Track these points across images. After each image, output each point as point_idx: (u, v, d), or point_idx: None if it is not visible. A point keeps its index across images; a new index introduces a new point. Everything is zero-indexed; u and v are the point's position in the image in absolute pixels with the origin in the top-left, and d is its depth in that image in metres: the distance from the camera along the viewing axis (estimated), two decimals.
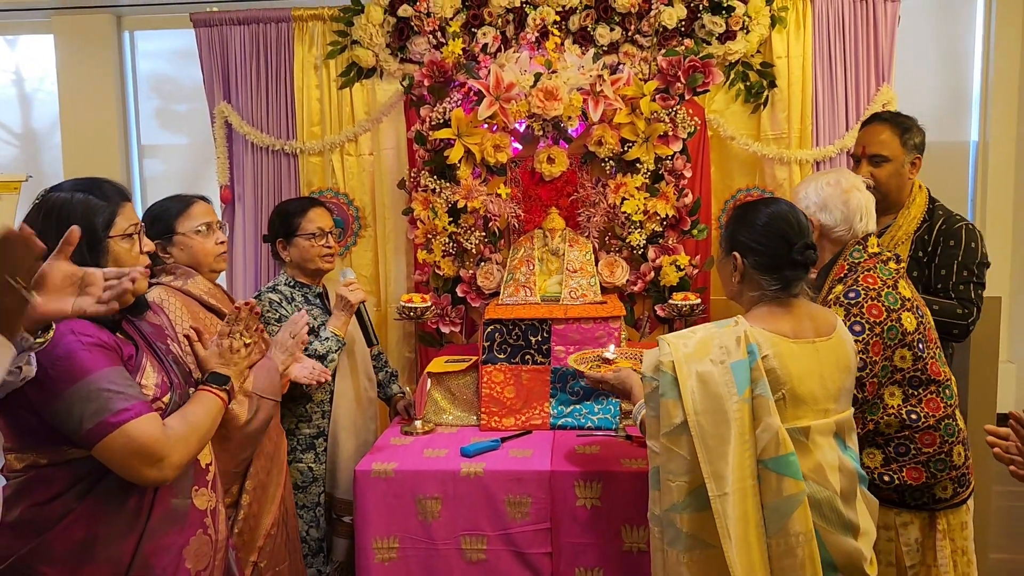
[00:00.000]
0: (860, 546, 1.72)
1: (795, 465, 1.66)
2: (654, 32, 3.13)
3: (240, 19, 3.33)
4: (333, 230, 2.66)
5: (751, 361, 1.69)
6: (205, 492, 1.69)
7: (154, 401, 1.58)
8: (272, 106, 3.38)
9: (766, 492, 1.67)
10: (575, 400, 2.57)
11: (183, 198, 2.26)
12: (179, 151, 5.40)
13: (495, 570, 2.24)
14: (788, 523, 1.65)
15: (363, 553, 2.25)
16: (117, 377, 1.51)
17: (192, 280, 2.17)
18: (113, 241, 1.62)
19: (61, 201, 1.59)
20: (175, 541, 1.61)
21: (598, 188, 3.08)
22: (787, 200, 1.94)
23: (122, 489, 1.54)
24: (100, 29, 5.11)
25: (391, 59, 3.27)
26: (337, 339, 2.48)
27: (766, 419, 1.67)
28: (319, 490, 2.54)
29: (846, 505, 1.72)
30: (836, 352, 1.79)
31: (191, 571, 1.63)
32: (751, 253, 1.81)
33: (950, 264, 2.52)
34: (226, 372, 1.74)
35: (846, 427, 1.79)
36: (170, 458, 1.52)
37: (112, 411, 1.47)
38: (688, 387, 1.71)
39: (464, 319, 3.19)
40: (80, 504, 1.53)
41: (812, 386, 1.73)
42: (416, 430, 2.53)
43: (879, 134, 2.60)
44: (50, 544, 1.52)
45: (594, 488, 2.21)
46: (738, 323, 1.75)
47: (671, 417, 1.73)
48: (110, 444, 1.47)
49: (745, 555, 1.65)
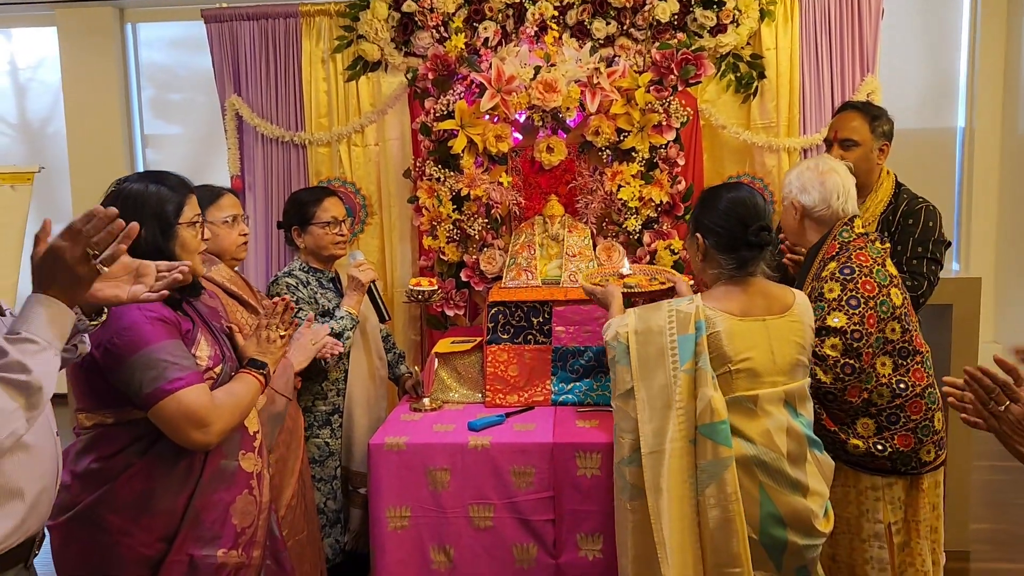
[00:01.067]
0: (809, 504, 1.88)
1: (725, 432, 1.83)
2: (648, 26, 3.21)
3: (249, 15, 3.39)
4: (345, 219, 2.77)
5: (697, 336, 1.86)
6: (252, 456, 1.83)
7: (207, 371, 1.74)
8: (281, 98, 3.44)
9: (701, 454, 1.85)
10: (575, 378, 2.66)
11: (213, 189, 2.38)
12: (177, 140, 5.46)
13: (501, 536, 2.33)
14: (718, 482, 1.83)
15: (377, 521, 2.33)
16: (175, 349, 1.66)
17: (215, 267, 2.29)
18: (182, 228, 1.77)
19: (137, 191, 1.73)
20: (223, 498, 1.75)
21: (595, 176, 3.16)
22: (748, 186, 2.07)
23: (176, 448, 1.69)
24: (103, 21, 5.16)
25: (396, 53, 3.33)
26: (351, 317, 2.59)
27: (702, 389, 1.84)
28: (335, 464, 2.65)
29: (793, 466, 1.88)
30: (789, 329, 1.94)
31: (236, 527, 1.77)
32: (711, 234, 1.96)
33: (906, 240, 2.65)
34: (263, 359, 1.88)
35: (797, 396, 1.94)
36: (215, 425, 1.67)
37: (167, 379, 1.62)
38: (636, 356, 1.89)
39: (468, 302, 3.27)
40: (140, 460, 1.68)
41: (762, 360, 1.89)
42: (424, 407, 2.62)
43: (851, 120, 2.73)
44: (114, 493, 1.67)
45: (594, 459, 2.30)
46: (693, 301, 1.92)
47: (623, 382, 1.93)
48: (164, 408, 1.62)
49: (678, 507, 1.84)
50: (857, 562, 2.22)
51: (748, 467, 1.87)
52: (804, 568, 1.94)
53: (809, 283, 2.24)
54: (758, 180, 3.31)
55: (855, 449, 2.17)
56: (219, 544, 1.73)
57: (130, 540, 1.67)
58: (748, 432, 1.87)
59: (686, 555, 1.85)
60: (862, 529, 2.22)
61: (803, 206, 2.27)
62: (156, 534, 1.69)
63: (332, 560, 2.63)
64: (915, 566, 2.23)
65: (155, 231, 1.70)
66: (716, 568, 1.85)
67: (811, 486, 1.91)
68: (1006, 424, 1.51)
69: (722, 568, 1.85)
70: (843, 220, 2.26)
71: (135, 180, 1.78)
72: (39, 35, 5.38)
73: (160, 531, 1.69)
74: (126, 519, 1.67)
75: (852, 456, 2.19)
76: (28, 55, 5.48)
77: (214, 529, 1.73)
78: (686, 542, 1.85)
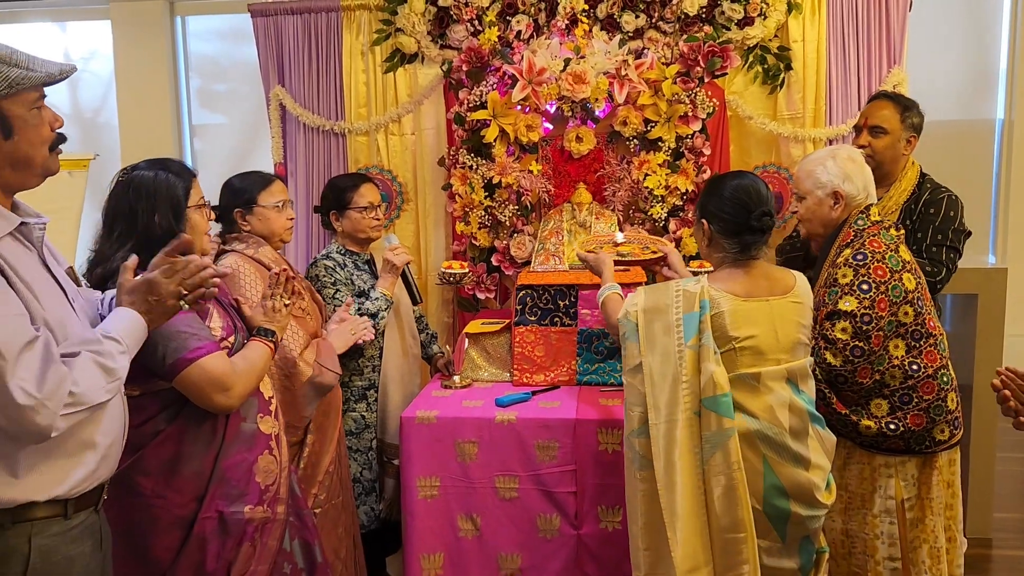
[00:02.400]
0: (812, 477, 1.97)
1: (727, 405, 1.92)
2: (676, 19, 3.24)
3: (294, 9, 3.48)
4: (380, 204, 2.89)
5: (701, 314, 1.95)
6: (268, 419, 1.96)
7: (221, 341, 1.86)
8: (323, 89, 3.52)
9: (705, 425, 1.94)
10: (599, 359, 2.74)
11: (264, 175, 2.52)
12: (222, 130, 5.61)
13: (525, 507, 2.43)
14: (722, 451, 1.92)
15: (408, 490, 2.45)
16: (192, 321, 1.79)
17: (262, 249, 2.44)
18: (191, 211, 1.90)
19: (148, 179, 1.85)
20: (246, 458, 1.88)
21: (623, 165, 3.22)
22: (752, 174, 2.14)
23: (201, 414, 1.82)
24: (154, 15, 5.32)
25: (432, 45, 3.39)
26: (386, 298, 2.72)
27: (705, 364, 1.93)
28: (371, 436, 2.77)
29: (796, 440, 1.96)
30: (790, 309, 2.02)
31: (260, 484, 1.90)
32: (716, 220, 2.05)
33: (926, 228, 2.72)
34: (271, 327, 1.99)
35: (799, 373, 2.02)
36: (235, 388, 1.80)
37: (189, 348, 1.75)
38: (643, 333, 1.98)
39: (498, 286, 3.36)
40: (168, 426, 1.81)
41: (766, 338, 1.97)
42: (455, 384, 2.74)
43: (882, 108, 2.79)
44: (145, 459, 1.80)
45: (615, 435, 2.38)
46: (700, 281, 2.01)
47: (632, 357, 2.03)
48: (188, 375, 1.75)
49: (682, 474, 1.93)
50: (868, 536, 2.29)
51: (752, 441, 1.95)
52: (807, 538, 2.02)
53: (826, 270, 2.31)
54: (783, 170, 3.34)
55: (867, 430, 2.22)
56: (245, 500, 1.85)
57: (164, 501, 1.80)
58: (752, 408, 1.96)
59: (693, 522, 1.94)
60: (874, 504, 2.28)
61: (846, 194, 2.32)
62: (187, 495, 1.81)
63: (367, 527, 2.75)
64: (929, 542, 2.28)
65: (168, 216, 1.82)
66: (720, 533, 1.94)
67: (813, 460, 1.98)
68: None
69: (725, 533, 1.93)
70: (860, 208, 2.33)
71: (143, 168, 1.88)
72: (91, 28, 5.55)
73: (191, 491, 1.81)
74: (159, 482, 1.80)
75: (865, 438, 2.25)
76: (81, 47, 5.65)
77: (240, 487, 1.85)
78: (694, 509, 1.94)
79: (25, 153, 1.49)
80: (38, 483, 1.47)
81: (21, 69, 1.45)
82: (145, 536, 1.81)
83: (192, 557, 1.82)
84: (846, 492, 2.32)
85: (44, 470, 1.47)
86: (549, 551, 2.44)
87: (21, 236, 1.52)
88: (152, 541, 1.81)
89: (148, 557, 1.81)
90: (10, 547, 1.45)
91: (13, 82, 1.44)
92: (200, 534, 1.81)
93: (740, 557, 1.93)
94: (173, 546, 1.81)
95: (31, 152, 1.50)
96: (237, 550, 1.85)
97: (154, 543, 1.81)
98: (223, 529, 1.84)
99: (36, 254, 1.54)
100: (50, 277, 1.55)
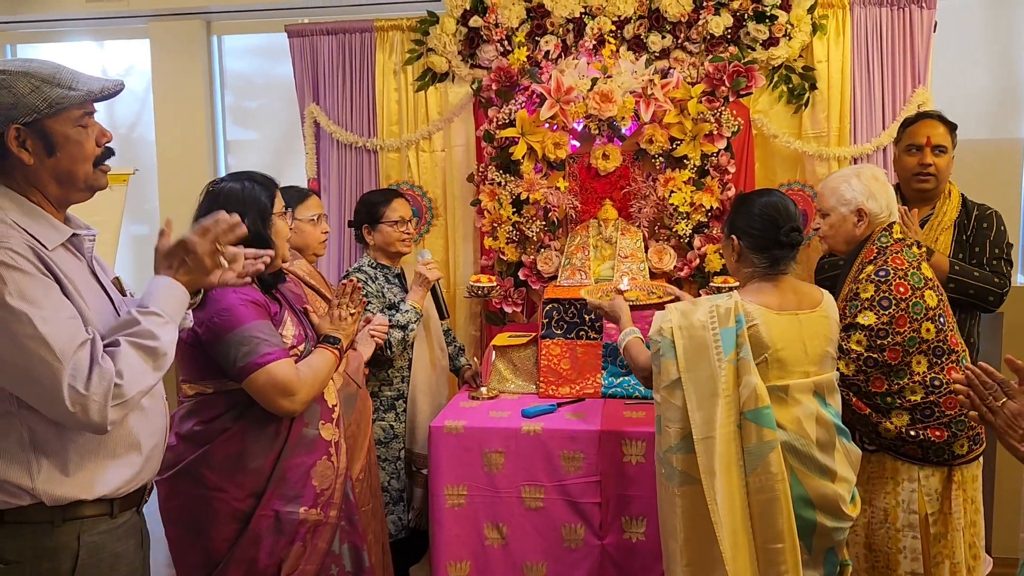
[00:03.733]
0: (837, 489, 1.99)
1: (769, 417, 1.94)
2: (702, 39, 3.28)
3: (328, 29, 3.57)
4: (412, 219, 2.96)
5: (738, 328, 1.97)
6: (330, 426, 2.04)
7: (292, 348, 1.95)
8: (356, 107, 3.59)
9: (746, 438, 1.96)
10: (624, 372, 2.77)
11: (301, 190, 2.61)
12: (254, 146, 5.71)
13: (551, 516, 2.46)
14: (763, 464, 1.94)
15: (436, 499, 2.49)
16: (265, 328, 1.88)
17: (296, 262, 2.52)
18: (275, 216, 2.00)
19: (236, 188, 1.97)
20: (304, 461, 1.96)
21: (648, 182, 3.25)
22: (779, 191, 2.18)
23: (266, 416, 1.91)
24: (192, 34, 5.44)
25: (462, 65, 3.46)
26: (415, 311, 2.78)
27: (746, 377, 1.95)
28: (399, 446, 2.82)
29: (822, 452, 1.98)
30: (819, 324, 2.05)
31: (316, 488, 1.97)
32: (746, 236, 2.08)
33: (983, 242, 2.80)
34: (337, 335, 2.09)
35: (826, 387, 2.05)
36: (299, 394, 1.89)
37: (259, 354, 1.84)
38: (681, 349, 2.00)
39: (525, 300, 3.40)
40: (235, 424, 1.90)
41: (795, 351, 2.00)
42: (482, 396, 2.78)
43: (937, 128, 2.85)
44: (212, 453, 1.89)
45: (639, 447, 2.42)
46: (732, 296, 2.03)
47: (669, 374, 2.03)
48: (256, 379, 1.84)
49: (727, 488, 1.94)
50: (891, 551, 2.31)
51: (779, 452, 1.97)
52: (832, 550, 2.05)
53: (848, 284, 2.34)
54: (808, 188, 3.36)
55: (887, 432, 2.26)
56: (301, 502, 1.93)
57: (224, 495, 1.89)
58: (780, 419, 1.98)
59: (738, 535, 1.95)
60: (897, 519, 2.30)
61: (870, 212, 2.35)
62: (247, 490, 1.90)
63: (395, 536, 2.79)
64: (950, 558, 2.29)
65: (256, 221, 1.93)
66: (763, 544, 1.95)
67: (839, 472, 2.01)
68: (1001, 418, 1.63)
69: (768, 544, 1.95)
70: (882, 225, 2.36)
71: (229, 180, 2.01)
72: (128, 46, 5.70)
73: (250, 488, 1.90)
74: (222, 476, 1.89)
75: (885, 440, 2.28)
76: (118, 64, 5.78)
77: (296, 488, 1.94)
78: (737, 521, 1.95)
79: (67, 169, 1.56)
80: (87, 482, 1.54)
81: (63, 89, 1.52)
82: (206, 527, 1.90)
83: (246, 551, 1.90)
84: (869, 506, 2.34)
85: (92, 469, 1.54)
86: (574, 561, 2.47)
87: (72, 247, 1.59)
88: (211, 531, 1.90)
89: (207, 547, 1.91)
90: (60, 543, 1.52)
91: (53, 102, 1.51)
92: (256, 530, 1.90)
93: (784, 567, 1.95)
94: (230, 537, 1.90)
95: (73, 168, 1.57)
96: (289, 549, 1.93)
97: (213, 534, 1.90)
98: (278, 528, 1.92)
99: (86, 264, 1.62)
100: (98, 286, 1.62)
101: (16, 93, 1.49)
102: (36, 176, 1.55)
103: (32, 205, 1.54)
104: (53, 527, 1.52)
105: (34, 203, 1.55)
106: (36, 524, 1.51)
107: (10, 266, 1.42)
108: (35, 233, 1.51)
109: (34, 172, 1.54)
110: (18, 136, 1.50)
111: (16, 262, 1.43)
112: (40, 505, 1.50)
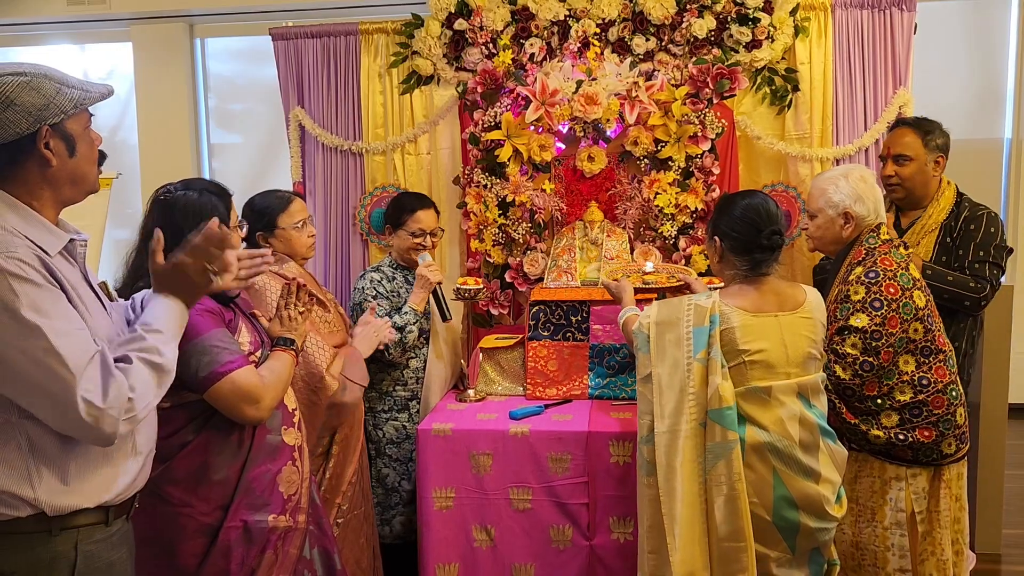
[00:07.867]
0: (821, 490, 2.01)
1: (731, 418, 1.97)
2: (686, 42, 3.30)
3: (313, 32, 3.56)
4: (436, 231, 2.94)
5: (711, 329, 2.00)
6: (292, 431, 2.02)
7: (250, 355, 1.92)
8: (341, 110, 3.59)
9: (710, 436, 1.99)
10: (611, 373, 2.80)
11: (283, 196, 2.59)
12: (238, 149, 5.67)
13: (539, 518, 2.47)
14: (722, 462, 1.97)
15: (424, 501, 2.50)
16: (223, 336, 1.85)
17: (287, 265, 2.51)
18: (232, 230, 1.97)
19: (193, 199, 1.91)
20: (270, 469, 1.93)
21: (634, 184, 3.27)
22: (763, 193, 2.19)
23: (228, 426, 1.87)
24: (174, 36, 5.40)
25: (447, 68, 3.46)
26: (415, 313, 2.77)
27: (712, 377, 1.99)
28: (411, 447, 2.81)
29: (806, 453, 2.00)
30: (800, 325, 2.07)
31: (283, 494, 1.95)
32: (728, 238, 2.11)
33: (968, 244, 2.77)
34: (290, 336, 2.05)
35: (810, 388, 2.07)
36: (264, 400, 1.86)
37: (221, 363, 1.81)
38: (654, 345, 2.04)
39: (512, 302, 3.40)
40: (196, 437, 1.86)
41: (775, 352, 2.02)
42: (469, 398, 2.79)
43: (903, 136, 2.86)
44: (174, 469, 1.85)
45: (626, 447, 2.43)
46: (711, 297, 2.06)
47: (644, 368, 2.09)
48: (220, 388, 1.81)
49: (687, 484, 1.98)
50: (879, 548, 2.33)
51: (762, 453, 1.99)
52: (817, 550, 2.07)
53: (836, 286, 2.36)
54: (791, 189, 3.38)
55: (876, 440, 2.27)
56: (269, 510, 1.91)
57: (190, 510, 1.85)
58: (762, 420, 2.00)
59: (694, 529, 1.99)
60: (885, 517, 2.32)
61: (857, 215, 2.37)
62: (213, 503, 1.86)
63: (404, 538, 2.80)
64: (936, 555, 2.32)
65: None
66: (720, 542, 1.98)
67: (823, 473, 2.02)
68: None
69: (725, 542, 1.98)
70: (870, 227, 2.38)
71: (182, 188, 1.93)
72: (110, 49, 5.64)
73: (217, 500, 1.86)
74: (186, 491, 1.85)
75: (875, 446, 2.29)
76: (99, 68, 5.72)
77: (264, 497, 1.91)
78: (694, 517, 1.99)
79: (83, 170, 1.56)
80: (87, 490, 1.52)
81: (80, 90, 1.52)
82: (172, 543, 1.86)
83: (217, 564, 1.87)
84: (857, 504, 2.36)
85: (91, 478, 1.53)
86: (562, 562, 2.49)
87: (67, 253, 1.57)
88: (179, 548, 1.86)
89: (175, 564, 1.86)
90: (58, 553, 1.50)
91: (77, 102, 1.51)
92: (225, 542, 1.87)
93: (739, 565, 1.98)
94: (198, 552, 1.86)
95: (87, 169, 1.57)
96: (260, 558, 1.90)
97: (181, 550, 1.86)
98: (247, 537, 1.89)
99: (79, 270, 1.60)
100: (92, 292, 1.61)
101: (45, 94, 1.47)
102: (55, 178, 1.53)
103: (30, 211, 1.51)
104: (50, 536, 1.49)
105: (33, 209, 1.52)
106: (31, 534, 1.48)
107: (21, 278, 1.40)
108: (36, 240, 1.49)
109: (54, 174, 1.52)
110: (46, 136, 1.49)
111: (26, 273, 1.41)
112: (39, 515, 1.48)
